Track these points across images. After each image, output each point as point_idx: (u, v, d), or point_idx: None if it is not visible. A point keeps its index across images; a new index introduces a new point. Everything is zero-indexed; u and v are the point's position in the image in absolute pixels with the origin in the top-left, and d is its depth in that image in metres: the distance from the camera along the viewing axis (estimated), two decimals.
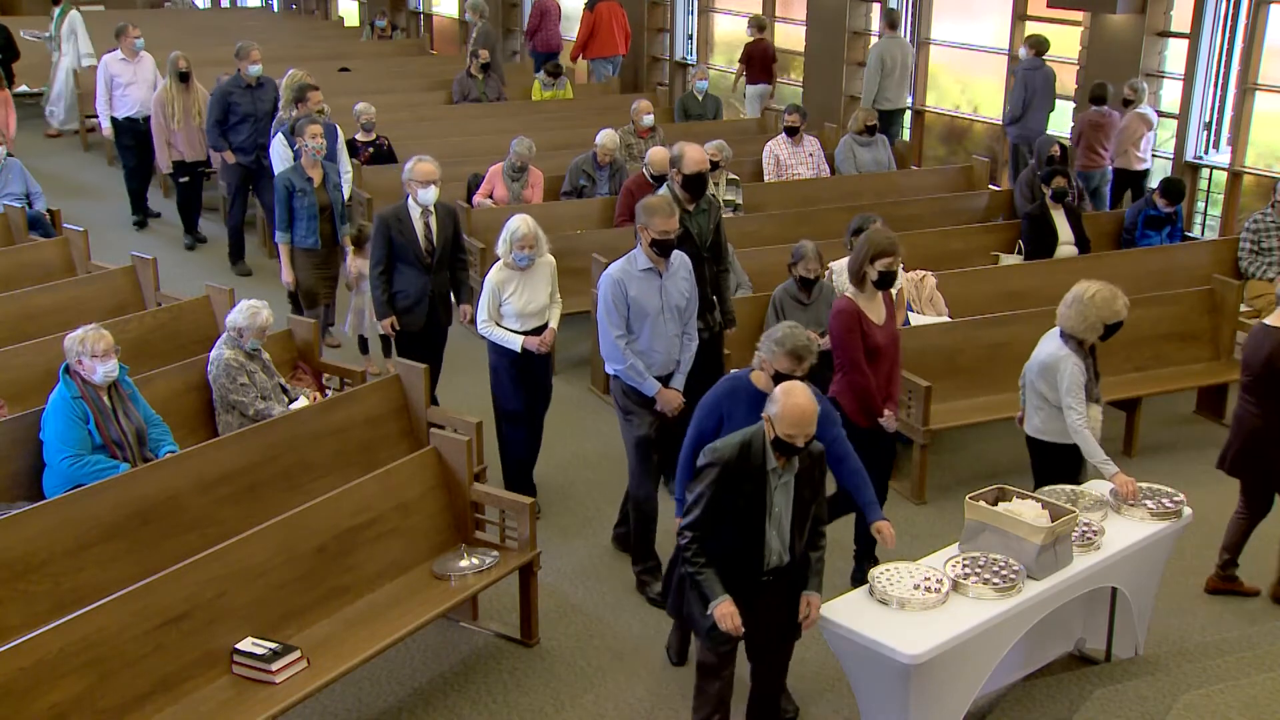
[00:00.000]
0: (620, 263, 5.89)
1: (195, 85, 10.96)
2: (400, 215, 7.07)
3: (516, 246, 6.42)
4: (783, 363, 4.84)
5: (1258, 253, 8.85)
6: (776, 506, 4.50)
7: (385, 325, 7.15)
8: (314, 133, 8.06)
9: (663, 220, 5.72)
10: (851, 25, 13.88)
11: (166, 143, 10.86)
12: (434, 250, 7.11)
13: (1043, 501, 4.89)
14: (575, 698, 5.33)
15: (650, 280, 5.84)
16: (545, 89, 14.14)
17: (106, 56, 11.58)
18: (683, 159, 6.40)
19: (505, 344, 6.48)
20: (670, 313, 5.91)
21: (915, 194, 10.77)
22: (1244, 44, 10.26)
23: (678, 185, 6.44)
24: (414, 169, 7.07)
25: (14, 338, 7.06)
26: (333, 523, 5.22)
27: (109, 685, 4.31)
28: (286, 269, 8.24)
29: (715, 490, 4.46)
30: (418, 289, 7.09)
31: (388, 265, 7.07)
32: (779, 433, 4.36)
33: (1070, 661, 5.46)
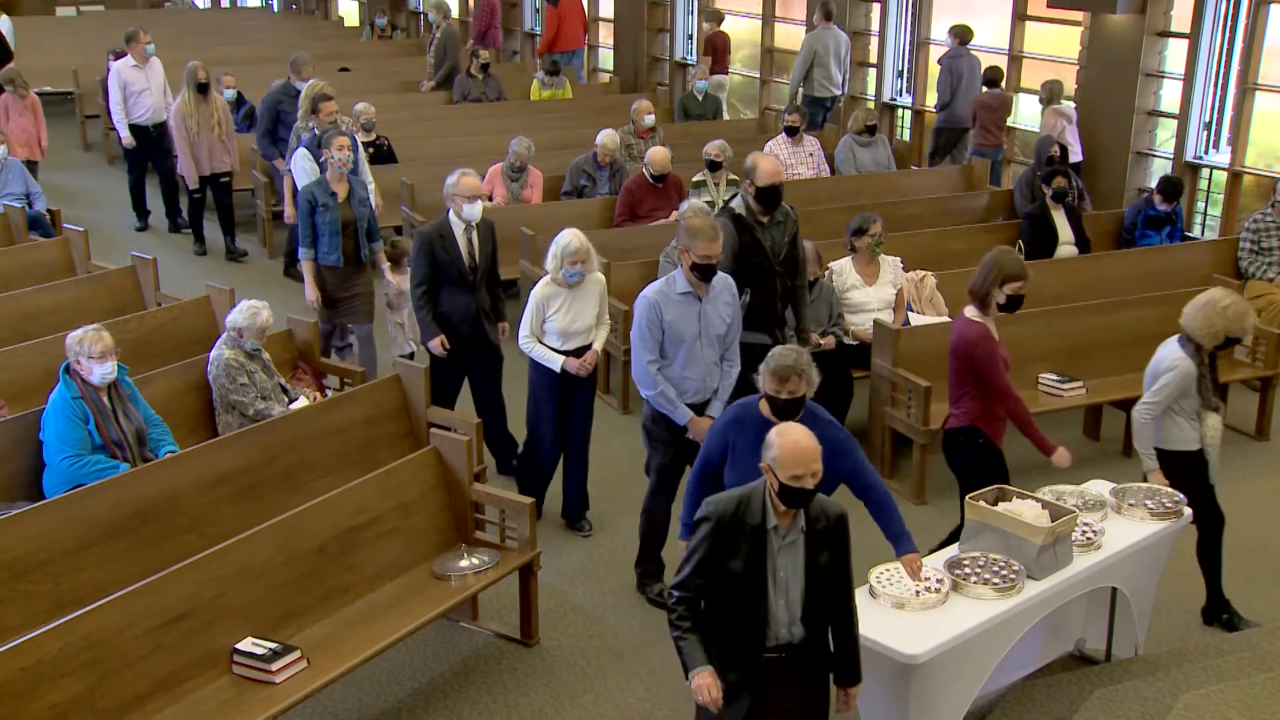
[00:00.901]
0: (658, 284, 5.68)
1: (214, 95, 10.79)
2: (443, 232, 6.77)
3: (567, 261, 6.17)
4: (769, 384, 4.66)
5: (1258, 253, 8.85)
6: (782, 571, 4.02)
7: (436, 345, 6.80)
8: (341, 145, 7.64)
9: (706, 244, 5.45)
10: (851, 25, 13.87)
11: (191, 155, 10.67)
12: (477, 267, 6.83)
13: (1043, 501, 4.89)
14: (575, 698, 5.33)
15: (688, 304, 5.61)
16: (544, 88, 14.15)
17: (118, 64, 11.39)
18: (756, 171, 6.14)
19: (545, 362, 6.29)
20: (708, 339, 5.67)
21: (915, 194, 10.77)
22: (1244, 44, 10.25)
23: (751, 197, 6.21)
24: (458, 183, 6.75)
25: (14, 338, 7.06)
26: (333, 523, 5.22)
27: (109, 685, 4.31)
28: (310, 287, 7.70)
29: (709, 549, 4.02)
30: (462, 307, 6.81)
31: (431, 284, 6.78)
32: (782, 479, 3.92)
33: (1070, 661, 5.46)
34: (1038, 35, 12.24)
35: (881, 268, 7.77)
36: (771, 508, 4.01)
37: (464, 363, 6.91)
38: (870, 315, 7.54)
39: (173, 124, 10.68)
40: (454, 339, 6.82)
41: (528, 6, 19.74)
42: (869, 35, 13.98)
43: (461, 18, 20.99)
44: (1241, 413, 8.04)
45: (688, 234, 5.50)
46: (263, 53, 16.51)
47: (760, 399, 4.80)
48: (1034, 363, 7.50)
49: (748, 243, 6.21)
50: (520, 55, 19.28)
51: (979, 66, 11.89)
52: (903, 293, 7.84)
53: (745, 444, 4.68)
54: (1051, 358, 7.59)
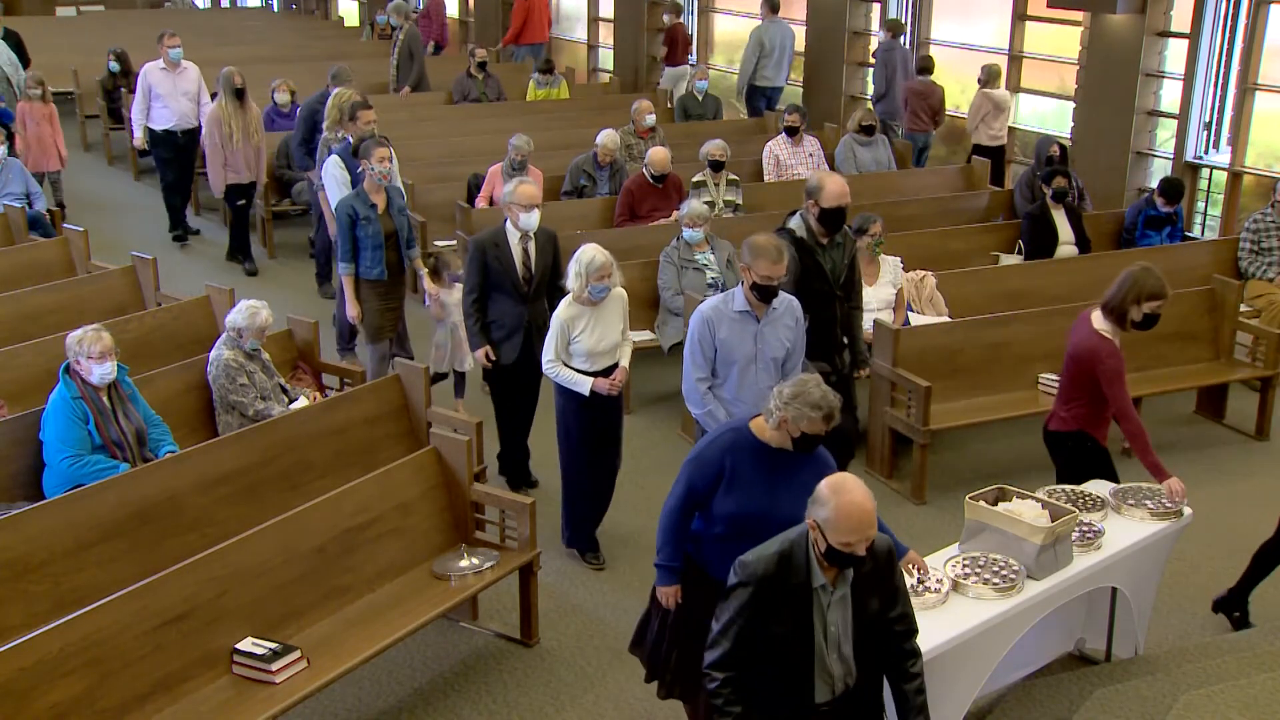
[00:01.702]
0: (715, 300, 5.41)
1: (250, 102, 10.41)
2: (498, 240, 6.60)
3: (593, 278, 5.90)
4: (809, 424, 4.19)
5: (1258, 253, 8.85)
6: (833, 627, 3.73)
7: (480, 355, 6.68)
8: (382, 156, 7.35)
9: (769, 264, 5.14)
10: (851, 25, 13.87)
11: (223, 164, 10.29)
12: (531, 278, 6.65)
13: (1043, 501, 4.89)
14: (575, 698, 5.33)
15: (744, 324, 5.31)
16: (539, 88, 14.14)
17: (146, 65, 11.09)
18: (822, 191, 5.85)
19: (573, 386, 6.01)
20: (764, 363, 5.34)
21: (915, 194, 10.77)
22: (1244, 44, 10.25)
23: (813, 218, 5.94)
24: (516, 191, 6.56)
25: (14, 338, 7.06)
26: (333, 523, 5.22)
27: (109, 685, 4.31)
28: (352, 303, 7.40)
29: (749, 618, 3.67)
30: (513, 319, 6.62)
31: (482, 293, 6.62)
32: (833, 542, 3.57)
33: (1070, 661, 5.46)
34: (1038, 35, 12.25)
35: (881, 268, 7.77)
36: (818, 564, 3.68)
37: (516, 372, 6.73)
38: (870, 315, 7.53)
39: (205, 130, 10.30)
40: (503, 350, 6.66)
41: None
42: (869, 35, 13.97)
43: (462, 17, 21.01)
44: (1241, 413, 8.04)
45: (751, 252, 5.18)
46: (263, 53, 16.51)
47: (750, 420, 4.42)
48: (1034, 363, 7.50)
49: (809, 266, 5.93)
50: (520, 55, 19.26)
51: (911, 58, 12.52)
52: (903, 293, 7.84)
53: (746, 471, 4.35)
54: (1051, 358, 7.57)
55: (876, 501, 4.34)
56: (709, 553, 4.45)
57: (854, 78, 14.05)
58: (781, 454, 4.33)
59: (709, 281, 7.87)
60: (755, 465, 4.33)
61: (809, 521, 3.68)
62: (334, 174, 8.35)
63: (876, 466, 7.32)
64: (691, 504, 4.41)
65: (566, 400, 6.12)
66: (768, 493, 4.33)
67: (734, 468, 4.36)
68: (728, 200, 9.87)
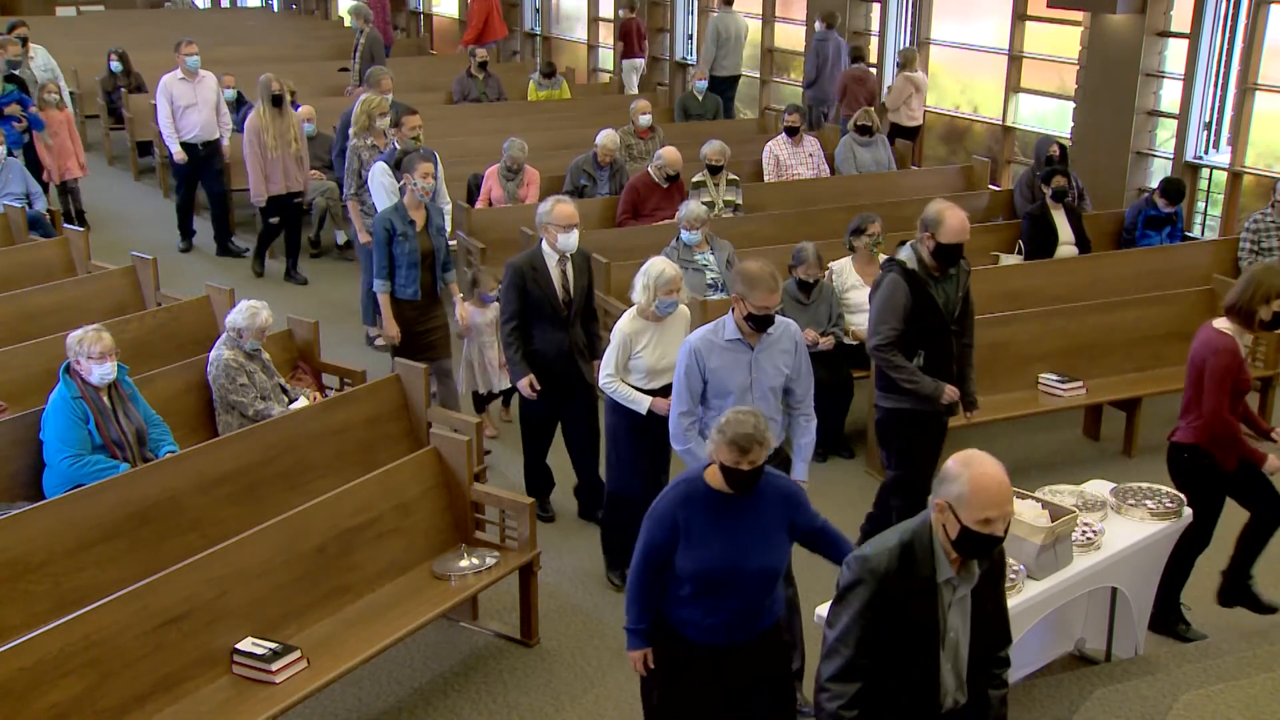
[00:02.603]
0: (705, 330, 5.06)
1: (289, 110, 10.06)
2: (535, 263, 6.28)
3: (662, 292, 5.63)
4: (725, 454, 3.93)
5: (1258, 253, 8.85)
6: (952, 630, 3.39)
7: (525, 385, 6.32)
8: (425, 171, 7.02)
9: (765, 294, 4.84)
10: (851, 25, 13.88)
11: (264, 174, 9.89)
12: (571, 302, 6.33)
13: (1043, 501, 4.89)
14: (575, 698, 5.33)
15: (737, 353, 5.00)
16: (540, 89, 14.16)
17: (166, 77, 10.75)
18: (942, 225, 5.44)
19: (630, 404, 5.73)
20: (761, 392, 5.02)
21: (915, 194, 10.76)
22: (1244, 44, 10.25)
23: (927, 251, 5.51)
24: (553, 211, 6.26)
25: (14, 338, 7.06)
26: (333, 523, 5.22)
27: (109, 685, 4.31)
28: (388, 322, 7.08)
29: (869, 619, 3.32)
30: (554, 345, 6.32)
31: (522, 319, 6.29)
32: (969, 521, 3.22)
33: (1070, 661, 5.46)
34: (1038, 35, 12.25)
35: None
36: (944, 556, 3.35)
37: (557, 404, 6.44)
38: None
39: (245, 139, 9.93)
40: (545, 378, 6.33)
41: (528, 6, 19.76)
42: (869, 35, 13.98)
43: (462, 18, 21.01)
44: None
45: (744, 281, 4.86)
46: (263, 53, 16.51)
47: (705, 469, 4.14)
48: (1034, 363, 7.51)
49: (921, 301, 5.53)
50: (520, 55, 19.29)
51: (845, 48, 13.15)
52: None
53: (702, 525, 4.05)
54: (1051, 358, 7.60)
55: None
56: (681, 613, 4.15)
57: None
58: (738, 499, 4.04)
59: (709, 281, 7.87)
60: (712, 517, 4.03)
61: (936, 503, 3.32)
62: (381, 181, 7.97)
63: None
64: (653, 564, 4.09)
65: (619, 418, 5.87)
66: (732, 545, 4.04)
67: (688, 522, 4.05)
68: (728, 200, 9.87)
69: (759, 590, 4.12)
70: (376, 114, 8.45)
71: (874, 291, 5.71)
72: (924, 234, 5.50)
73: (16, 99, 10.97)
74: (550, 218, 6.27)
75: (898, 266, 5.57)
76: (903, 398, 5.65)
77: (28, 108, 11.04)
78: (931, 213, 5.49)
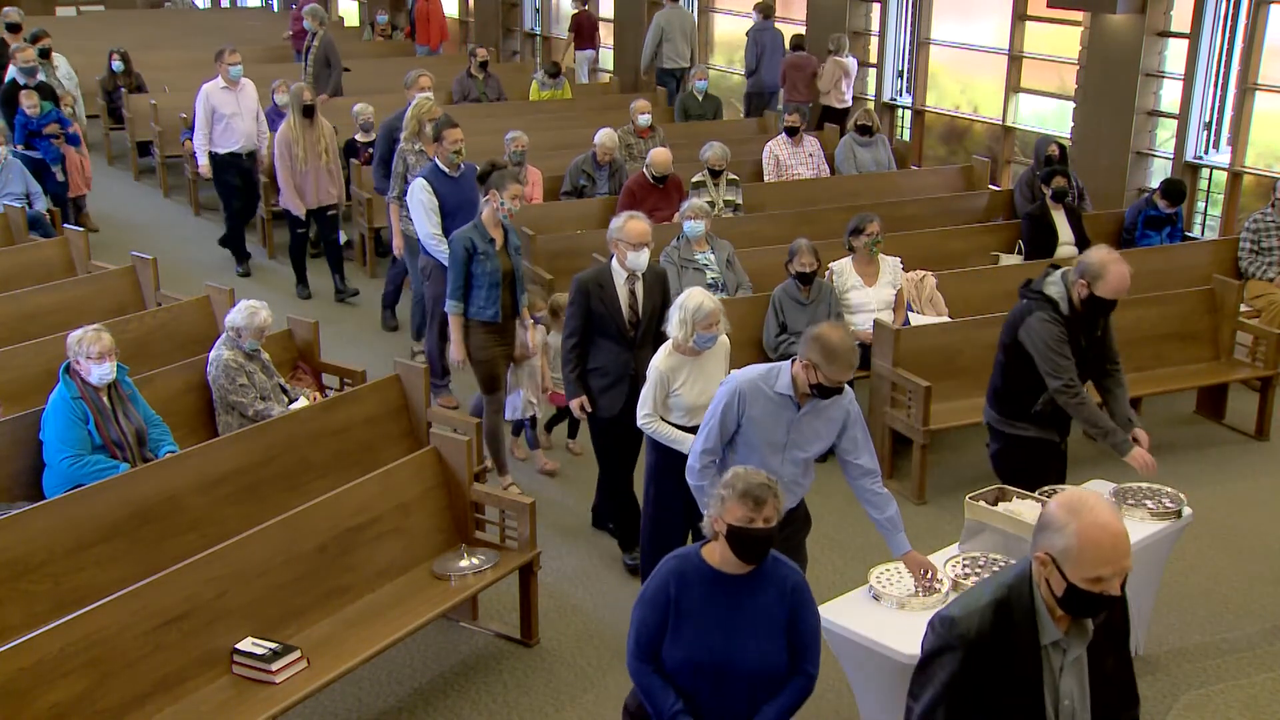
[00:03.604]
0: (757, 373, 4.72)
1: (320, 120, 9.67)
2: (601, 281, 6.02)
3: (701, 326, 5.35)
4: (735, 511, 3.61)
5: (1258, 252, 8.85)
6: (1066, 699, 2.92)
7: (575, 406, 6.12)
8: (515, 193, 6.77)
9: (841, 371, 4.49)
10: (851, 25, 13.88)
11: (295, 187, 9.56)
12: (638, 322, 6.05)
13: (1043, 501, 4.89)
14: (575, 698, 5.33)
15: (781, 410, 4.68)
16: (543, 89, 14.18)
17: (206, 85, 10.33)
18: (1101, 280, 5.11)
19: (672, 444, 5.45)
20: (792, 456, 4.75)
21: (915, 194, 10.77)
22: (1244, 44, 10.25)
23: (1079, 296, 5.19)
24: (624, 228, 5.95)
25: (14, 338, 7.06)
26: (333, 523, 5.22)
27: (109, 685, 4.31)
28: (458, 344, 6.73)
29: (960, 692, 2.87)
30: (618, 367, 6.03)
31: (583, 337, 6.05)
32: (1077, 579, 2.79)
33: None
34: (1038, 35, 12.25)
35: (881, 268, 7.77)
36: (1048, 615, 2.90)
37: (621, 424, 6.07)
38: (870, 315, 7.55)
39: (276, 151, 9.60)
40: (606, 401, 6.08)
41: (528, 6, 19.76)
42: (869, 35, 13.98)
43: (462, 17, 21.02)
44: (1241, 413, 8.04)
45: (823, 352, 4.46)
46: (263, 53, 16.51)
47: (701, 546, 3.79)
48: None
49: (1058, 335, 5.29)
50: (520, 55, 19.29)
51: (781, 38, 13.77)
52: (902, 293, 7.84)
53: (696, 605, 3.68)
54: None
55: None
56: None
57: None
58: (739, 582, 3.70)
59: (709, 281, 7.87)
60: (707, 598, 3.67)
61: (1037, 555, 2.88)
62: (420, 198, 7.58)
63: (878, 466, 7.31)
64: (647, 651, 3.74)
65: (659, 456, 5.60)
66: (726, 635, 3.69)
67: (679, 598, 3.70)
68: (728, 200, 9.87)
69: (747, 696, 3.74)
70: (427, 118, 8.19)
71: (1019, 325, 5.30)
72: (1080, 280, 5.18)
73: (55, 118, 10.84)
74: (621, 234, 5.97)
75: (1048, 305, 5.25)
76: (1026, 426, 5.42)
77: (67, 127, 10.90)
78: (1094, 261, 5.16)
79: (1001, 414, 5.55)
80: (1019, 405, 5.45)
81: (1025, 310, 5.34)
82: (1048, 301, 5.28)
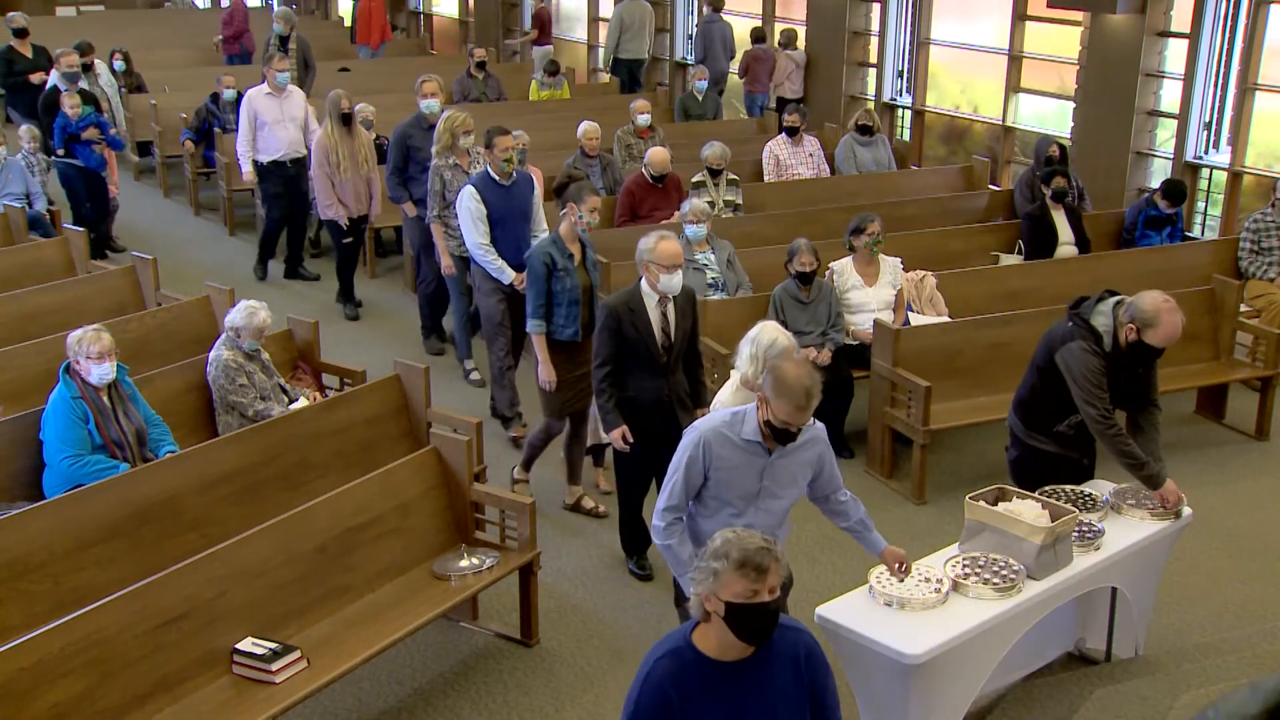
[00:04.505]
0: (721, 420, 4.40)
1: (359, 128, 9.51)
2: (632, 304, 5.73)
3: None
4: (734, 585, 3.08)
5: (1258, 252, 8.85)
6: None
7: (616, 437, 5.81)
8: (594, 206, 6.52)
9: (790, 410, 4.16)
10: (851, 25, 13.88)
11: (337, 196, 9.29)
12: (671, 347, 5.80)
13: (1043, 501, 4.89)
14: (575, 698, 5.33)
15: (751, 457, 4.38)
16: (543, 89, 14.18)
17: (251, 91, 10.13)
18: (1153, 328, 5.00)
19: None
20: (767, 506, 4.47)
21: (915, 194, 10.77)
22: (1244, 44, 10.25)
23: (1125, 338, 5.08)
24: (657, 249, 5.63)
25: (14, 338, 7.06)
26: (333, 523, 5.22)
27: (109, 685, 4.31)
28: (546, 366, 6.49)
29: None
30: (651, 394, 5.79)
31: (615, 364, 5.77)
32: None
33: (1070, 661, 5.46)
34: (1038, 35, 12.25)
35: (882, 268, 7.77)
36: None
37: (652, 457, 5.78)
38: (870, 315, 7.55)
39: (314, 160, 9.35)
40: (641, 430, 5.81)
41: (527, 7, 19.75)
42: (869, 35, 13.98)
43: (462, 18, 21.01)
44: (1241, 413, 8.04)
45: (774, 387, 4.16)
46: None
47: (689, 632, 3.24)
48: None
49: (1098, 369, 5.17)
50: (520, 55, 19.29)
51: (729, 30, 14.67)
52: (903, 293, 7.84)
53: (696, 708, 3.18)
54: None
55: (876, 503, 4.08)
56: None
57: (854, 78, 14.06)
58: (744, 668, 3.20)
59: (709, 281, 7.87)
60: (713, 696, 3.16)
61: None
62: (469, 206, 7.34)
63: (876, 466, 7.32)
64: None
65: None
66: None
67: (682, 707, 3.16)
68: (728, 200, 9.87)
69: None
70: (459, 131, 7.97)
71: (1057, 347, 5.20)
72: (1129, 323, 5.03)
73: (94, 122, 10.60)
74: (653, 255, 5.66)
75: (1091, 336, 5.11)
76: (1047, 440, 5.39)
77: (106, 131, 10.70)
78: (1147, 307, 4.98)
79: (1025, 424, 5.51)
80: (1044, 421, 5.41)
81: (1068, 334, 5.20)
82: (1092, 333, 5.12)
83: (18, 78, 12.71)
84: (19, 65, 12.69)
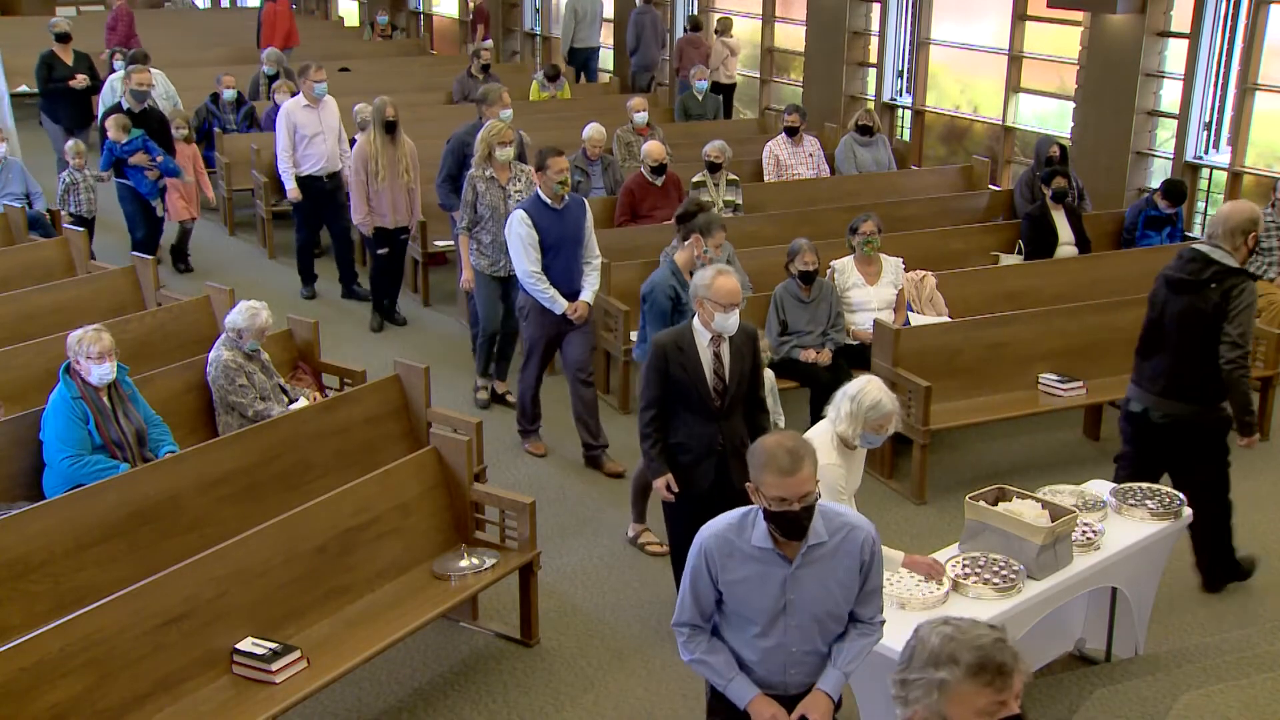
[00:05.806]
0: (724, 523, 3.71)
1: (403, 137, 9.12)
2: (682, 344, 5.21)
3: (872, 426, 4.65)
4: (974, 699, 2.52)
5: (1258, 253, 8.85)
6: None
7: (660, 486, 5.33)
8: (718, 242, 6.35)
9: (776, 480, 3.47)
10: (851, 25, 13.88)
11: (368, 203, 9.05)
12: (725, 390, 5.24)
13: (1043, 501, 4.89)
14: (575, 698, 5.33)
15: (767, 565, 3.63)
16: (543, 90, 14.18)
17: (287, 103, 9.82)
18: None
19: None
20: (800, 620, 3.69)
21: (915, 194, 10.78)
22: (1244, 44, 10.25)
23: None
24: (714, 285, 5.07)
25: (14, 338, 7.07)
26: (333, 523, 5.22)
27: (109, 685, 4.31)
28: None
29: None
30: (702, 441, 5.27)
31: (662, 408, 5.27)
32: None
33: (1070, 661, 5.46)
34: (1038, 35, 12.25)
35: (883, 268, 7.78)
36: None
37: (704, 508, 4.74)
38: (870, 315, 7.55)
39: (352, 166, 9.14)
40: (689, 481, 5.32)
41: (528, 7, 19.76)
42: (869, 35, 13.98)
43: (461, 18, 21.01)
44: None
45: (754, 461, 3.55)
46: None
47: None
48: (1034, 363, 7.51)
49: None
50: (520, 55, 19.31)
51: (660, 20, 15.79)
52: (903, 293, 7.85)
53: None
54: (1051, 358, 7.59)
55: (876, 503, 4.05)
56: None
57: (854, 78, 14.06)
58: None
59: None
60: None
61: None
62: (519, 232, 6.95)
63: (876, 467, 7.31)
64: None
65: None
66: None
67: None
68: (727, 200, 9.87)
69: None
70: (496, 143, 7.61)
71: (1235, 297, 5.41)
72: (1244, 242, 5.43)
73: (141, 146, 9.92)
74: (709, 292, 5.08)
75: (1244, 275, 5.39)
76: (1221, 400, 5.58)
77: (155, 156, 9.98)
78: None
79: (1206, 397, 5.64)
80: (1218, 383, 5.57)
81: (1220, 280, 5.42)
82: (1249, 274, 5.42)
83: (56, 84, 12.49)
84: (58, 71, 12.47)
